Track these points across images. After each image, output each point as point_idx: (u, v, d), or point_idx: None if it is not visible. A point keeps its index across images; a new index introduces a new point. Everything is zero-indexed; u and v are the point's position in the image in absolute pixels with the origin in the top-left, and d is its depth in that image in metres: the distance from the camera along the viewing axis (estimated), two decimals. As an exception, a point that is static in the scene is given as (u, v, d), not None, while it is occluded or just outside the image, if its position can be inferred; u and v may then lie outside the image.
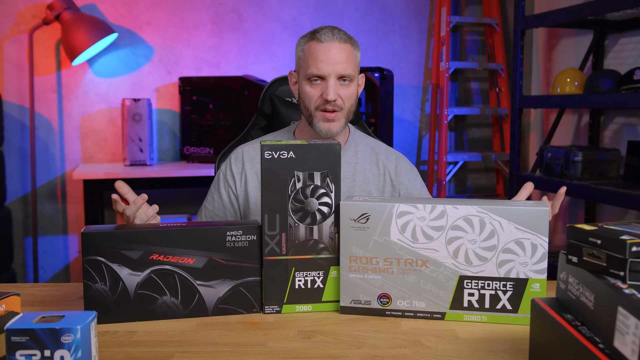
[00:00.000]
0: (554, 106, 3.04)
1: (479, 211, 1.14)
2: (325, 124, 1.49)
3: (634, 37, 2.78)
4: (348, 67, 1.47)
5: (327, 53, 1.46)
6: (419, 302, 1.18)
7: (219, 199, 1.61)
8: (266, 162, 1.18)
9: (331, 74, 1.46)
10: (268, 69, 3.44)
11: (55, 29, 3.18)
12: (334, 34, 1.47)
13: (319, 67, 1.46)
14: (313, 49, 1.47)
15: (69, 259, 3.36)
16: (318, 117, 1.50)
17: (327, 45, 1.46)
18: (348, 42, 1.49)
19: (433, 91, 3.63)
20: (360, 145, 1.64)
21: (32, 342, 0.83)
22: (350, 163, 1.60)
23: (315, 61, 1.46)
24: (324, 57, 1.46)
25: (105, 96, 3.31)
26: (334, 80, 1.46)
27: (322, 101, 1.48)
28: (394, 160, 1.64)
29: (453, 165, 3.59)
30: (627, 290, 0.74)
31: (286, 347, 1.05)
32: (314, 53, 1.47)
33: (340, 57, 1.46)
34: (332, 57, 1.46)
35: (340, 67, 1.46)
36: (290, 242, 1.21)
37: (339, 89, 1.47)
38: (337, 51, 1.46)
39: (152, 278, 1.16)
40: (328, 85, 1.46)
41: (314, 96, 1.49)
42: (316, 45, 1.47)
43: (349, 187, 1.58)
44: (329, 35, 1.47)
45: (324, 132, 1.50)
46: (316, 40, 1.48)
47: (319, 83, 1.48)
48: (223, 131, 3.16)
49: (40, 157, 3.25)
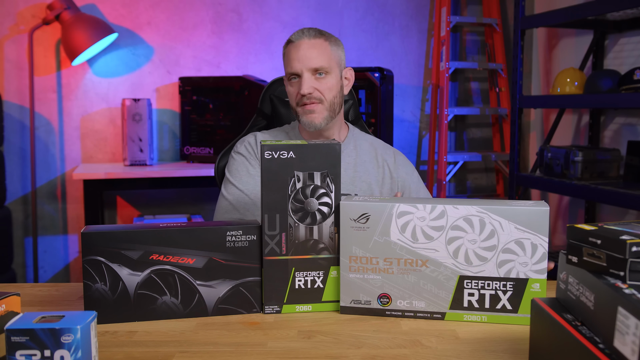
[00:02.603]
0: (554, 106, 3.04)
1: (479, 211, 1.14)
2: (306, 116, 1.56)
3: (634, 37, 2.78)
4: (320, 60, 1.53)
5: (297, 51, 1.54)
6: (419, 302, 1.18)
7: (249, 179, 1.58)
8: (266, 162, 1.18)
9: (303, 69, 1.53)
10: (268, 69, 3.44)
11: (55, 29, 3.18)
12: (304, 32, 1.55)
13: (292, 66, 1.54)
14: (287, 50, 1.57)
15: (69, 259, 3.36)
16: (300, 112, 1.57)
17: (297, 44, 1.55)
18: (320, 38, 1.56)
19: (433, 91, 3.63)
20: (359, 141, 1.70)
21: (32, 342, 0.83)
22: (350, 156, 1.65)
23: (289, 61, 1.56)
24: (295, 55, 1.54)
25: (105, 96, 3.30)
26: (307, 75, 1.53)
27: (300, 96, 1.55)
28: (392, 154, 1.71)
29: (453, 165, 3.59)
30: (627, 290, 0.74)
31: (286, 347, 1.05)
32: (288, 54, 1.57)
33: (310, 52, 1.53)
34: (302, 54, 1.53)
35: (312, 62, 1.53)
36: (290, 242, 1.21)
37: (314, 83, 1.54)
38: (306, 47, 1.53)
39: (152, 278, 1.16)
40: (302, 80, 1.53)
41: (293, 93, 1.57)
42: (289, 47, 1.57)
43: (350, 177, 1.62)
44: (299, 34, 1.56)
45: (307, 125, 1.56)
46: (289, 43, 1.58)
47: (297, 81, 1.56)
48: (223, 131, 3.16)
49: (40, 157, 3.25)
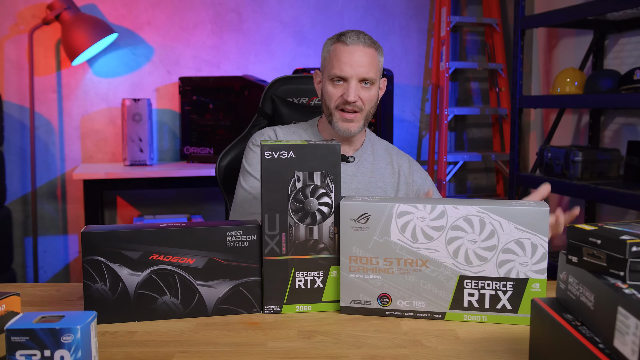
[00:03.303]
0: (554, 106, 3.04)
1: (479, 211, 1.14)
2: (344, 123, 1.55)
3: (634, 37, 2.78)
4: (370, 71, 1.52)
5: (350, 56, 1.51)
6: (419, 302, 1.18)
7: None
8: (266, 162, 1.18)
9: (353, 76, 1.51)
10: (268, 69, 3.44)
11: (55, 29, 3.18)
12: (359, 38, 1.52)
13: (342, 69, 1.51)
14: (338, 51, 1.53)
15: (69, 259, 3.36)
16: (337, 116, 1.55)
17: (351, 49, 1.51)
18: (372, 47, 1.54)
19: (433, 91, 3.63)
20: (376, 145, 1.71)
21: (32, 342, 0.83)
22: (368, 161, 1.65)
23: (339, 63, 1.52)
24: (348, 60, 1.51)
25: (105, 96, 3.31)
26: (355, 83, 1.51)
27: (343, 101, 1.53)
28: (407, 161, 1.71)
29: (453, 165, 3.59)
30: (627, 290, 0.74)
31: (286, 347, 1.05)
32: (339, 55, 1.52)
33: (363, 60, 1.51)
34: (356, 60, 1.51)
35: (363, 71, 1.51)
36: (290, 242, 1.21)
37: (359, 91, 1.52)
38: (360, 54, 1.51)
39: (152, 278, 1.16)
40: (349, 87, 1.51)
41: (335, 96, 1.54)
42: (341, 48, 1.52)
43: (367, 183, 1.62)
44: (354, 38, 1.52)
45: (343, 132, 1.56)
46: (342, 43, 1.53)
47: (341, 84, 1.53)
48: (223, 131, 3.16)
49: (40, 157, 3.25)
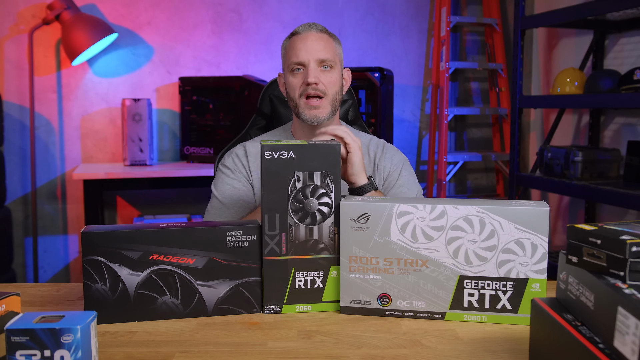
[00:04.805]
0: (554, 106, 3.04)
1: (479, 211, 1.14)
2: (310, 111, 1.53)
3: (634, 37, 2.78)
4: (327, 53, 1.53)
5: (304, 42, 1.54)
6: (419, 302, 1.18)
7: (232, 189, 1.58)
8: (266, 162, 1.18)
9: (310, 59, 1.53)
10: (268, 69, 3.43)
11: (55, 29, 3.18)
12: (311, 26, 1.56)
13: (298, 55, 1.53)
14: (292, 42, 1.56)
15: (69, 259, 3.36)
16: (302, 105, 1.54)
17: (304, 36, 1.55)
18: (325, 33, 1.57)
19: (433, 91, 3.63)
20: None
21: (32, 342, 0.83)
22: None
23: (295, 51, 1.54)
24: (302, 46, 1.53)
25: (105, 96, 3.30)
26: (314, 65, 1.52)
27: (304, 87, 1.52)
28: (381, 146, 1.67)
29: (453, 165, 3.59)
30: (627, 290, 0.74)
31: (286, 347, 1.05)
32: (293, 45, 1.55)
33: (317, 44, 1.53)
34: (310, 45, 1.53)
35: (319, 53, 1.53)
36: (290, 242, 1.20)
37: (319, 74, 1.53)
38: (314, 39, 1.54)
39: (152, 278, 1.16)
40: (309, 70, 1.52)
41: (296, 84, 1.54)
42: (295, 38, 1.56)
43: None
44: (305, 27, 1.56)
45: (310, 120, 1.54)
46: (294, 35, 1.57)
47: (301, 72, 1.54)
48: (223, 131, 3.16)
49: (40, 157, 3.25)
